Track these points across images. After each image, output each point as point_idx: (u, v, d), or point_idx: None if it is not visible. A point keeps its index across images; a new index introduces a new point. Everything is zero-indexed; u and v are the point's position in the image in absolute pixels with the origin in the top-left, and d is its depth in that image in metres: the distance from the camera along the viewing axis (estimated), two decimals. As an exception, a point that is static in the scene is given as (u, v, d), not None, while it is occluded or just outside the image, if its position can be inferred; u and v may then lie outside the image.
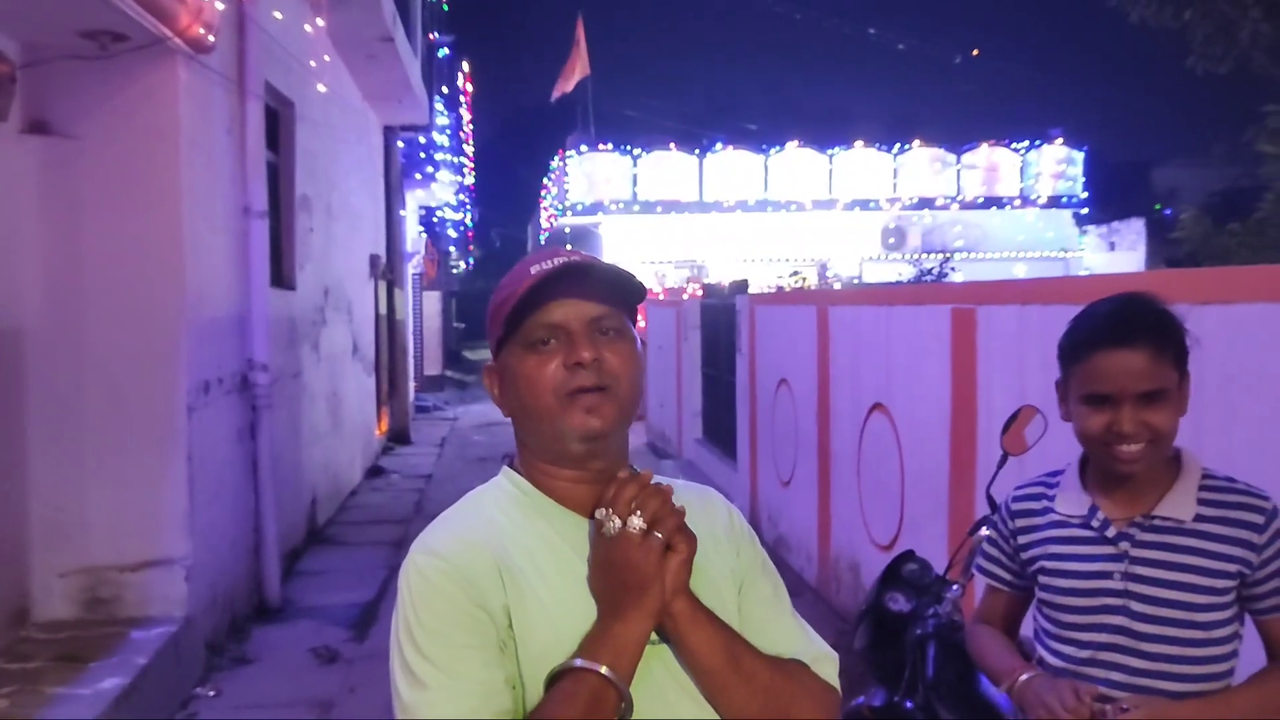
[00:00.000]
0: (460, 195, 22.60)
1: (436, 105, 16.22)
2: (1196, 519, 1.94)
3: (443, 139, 17.67)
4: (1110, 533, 1.99)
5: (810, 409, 6.98)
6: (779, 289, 17.24)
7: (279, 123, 7.89)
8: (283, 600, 6.72)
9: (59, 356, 5.22)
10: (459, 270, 33.58)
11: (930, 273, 21.18)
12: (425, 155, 16.46)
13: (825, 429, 6.71)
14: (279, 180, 7.86)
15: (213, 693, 5.29)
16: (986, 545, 2.26)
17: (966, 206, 25.38)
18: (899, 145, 25.31)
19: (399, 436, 14.47)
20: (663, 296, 16.53)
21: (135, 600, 5.31)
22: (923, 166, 25.36)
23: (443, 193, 19.59)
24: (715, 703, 1.40)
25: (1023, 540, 2.14)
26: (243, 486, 6.38)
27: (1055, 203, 25.71)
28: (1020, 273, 23.43)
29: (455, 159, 19.62)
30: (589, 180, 24.45)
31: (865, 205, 24.93)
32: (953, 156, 25.54)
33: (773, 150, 24.91)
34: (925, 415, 5.14)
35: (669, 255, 24.04)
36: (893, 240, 25.09)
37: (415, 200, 18.44)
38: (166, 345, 5.33)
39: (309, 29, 8.47)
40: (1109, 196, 26.62)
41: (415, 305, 20.06)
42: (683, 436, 12.33)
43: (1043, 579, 2.09)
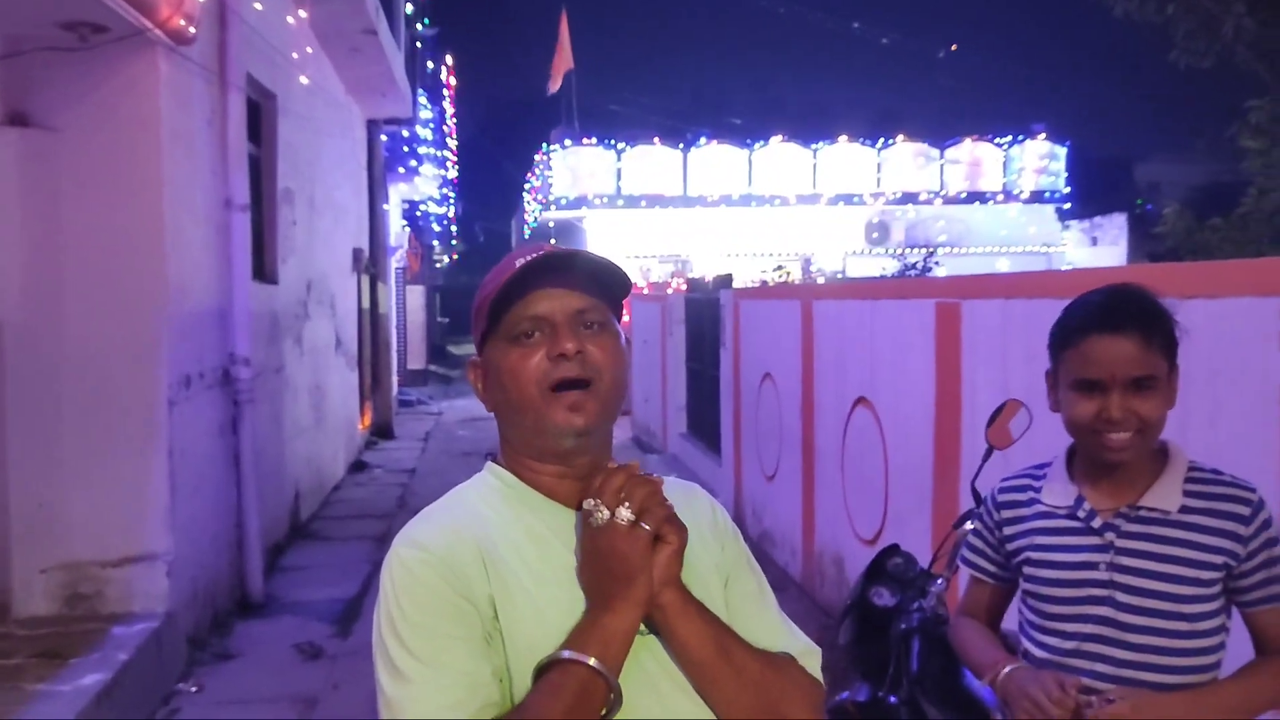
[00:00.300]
0: (444, 189, 22.51)
1: (420, 99, 16.15)
2: (1182, 510, 1.95)
3: (426, 133, 17.61)
4: (1096, 523, 1.99)
5: (794, 403, 6.99)
6: (763, 283, 17.25)
7: (261, 115, 7.84)
8: (265, 595, 6.68)
9: (39, 350, 5.18)
10: (443, 264, 33.47)
11: (914, 267, 21.24)
12: (409, 149, 16.39)
13: (809, 423, 6.72)
14: (261, 173, 7.82)
15: (195, 688, 5.26)
16: (971, 537, 2.26)
17: (950, 201, 25.43)
18: (883, 140, 25.34)
19: (382, 431, 14.43)
20: (647, 291, 16.52)
21: (117, 596, 5.27)
22: (906, 161, 25.39)
23: (426, 186, 19.52)
24: (706, 695, 1.40)
25: (1008, 531, 2.14)
26: (225, 481, 6.34)
27: (1038, 198, 25.79)
28: (1003, 267, 23.48)
29: (439, 153, 19.55)
30: (573, 174, 24.40)
31: (849, 200, 24.95)
32: (936, 151, 25.58)
33: (757, 145, 24.91)
34: (909, 409, 5.15)
35: (653, 250, 24.01)
36: (876, 235, 25.13)
37: (399, 194, 18.36)
38: (147, 339, 5.29)
39: (291, 21, 8.42)
40: (1091, 192, 26.73)
41: (399, 299, 20.01)
42: (667, 431, 12.33)
43: (1028, 570, 2.10)
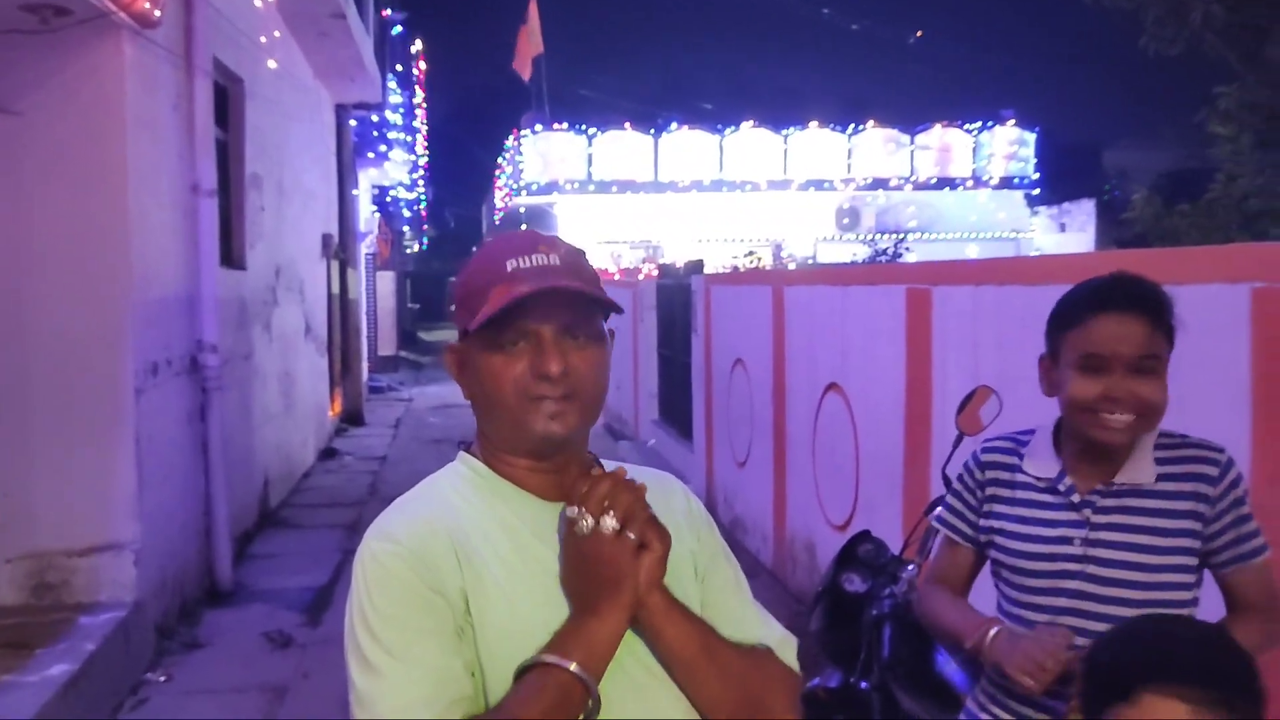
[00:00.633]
0: (414, 175, 22.36)
1: (389, 83, 16.03)
2: (1158, 480, 1.97)
3: (396, 118, 17.48)
4: (1075, 498, 2.01)
5: (765, 389, 7.00)
6: (734, 269, 17.26)
7: (228, 100, 7.75)
8: (234, 584, 6.64)
9: (1, 338, 5.11)
10: (413, 250, 33.30)
11: (885, 253, 21.34)
12: (378, 134, 16.27)
13: (780, 409, 6.73)
14: (228, 158, 7.74)
15: (163, 678, 5.22)
16: (950, 499, 2.23)
17: (920, 187, 25.57)
18: (853, 126, 25.42)
19: (353, 418, 14.35)
20: (618, 277, 16.50)
21: (84, 585, 5.22)
22: (877, 147, 25.50)
23: (396, 172, 19.40)
24: (689, 693, 1.40)
25: (991, 492, 2.14)
26: (192, 469, 6.29)
27: (1007, 184, 25.99)
28: (972, 253, 23.66)
29: (409, 138, 19.41)
30: (544, 160, 24.34)
31: (820, 186, 25.04)
32: (906, 137, 25.71)
33: (727, 130, 24.92)
34: (880, 395, 5.17)
35: (624, 235, 24.01)
36: (847, 221, 25.24)
37: (368, 179, 18.24)
38: (113, 326, 5.24)
39: (259, 4, 8.32)
40: (1060, 178, 26.93)
41: (369, 285, 19.87)
42: (639, 418, 12.34)
43: (1000, 540, 2.10)
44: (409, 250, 31.63)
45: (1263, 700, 1.38)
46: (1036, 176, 26.34)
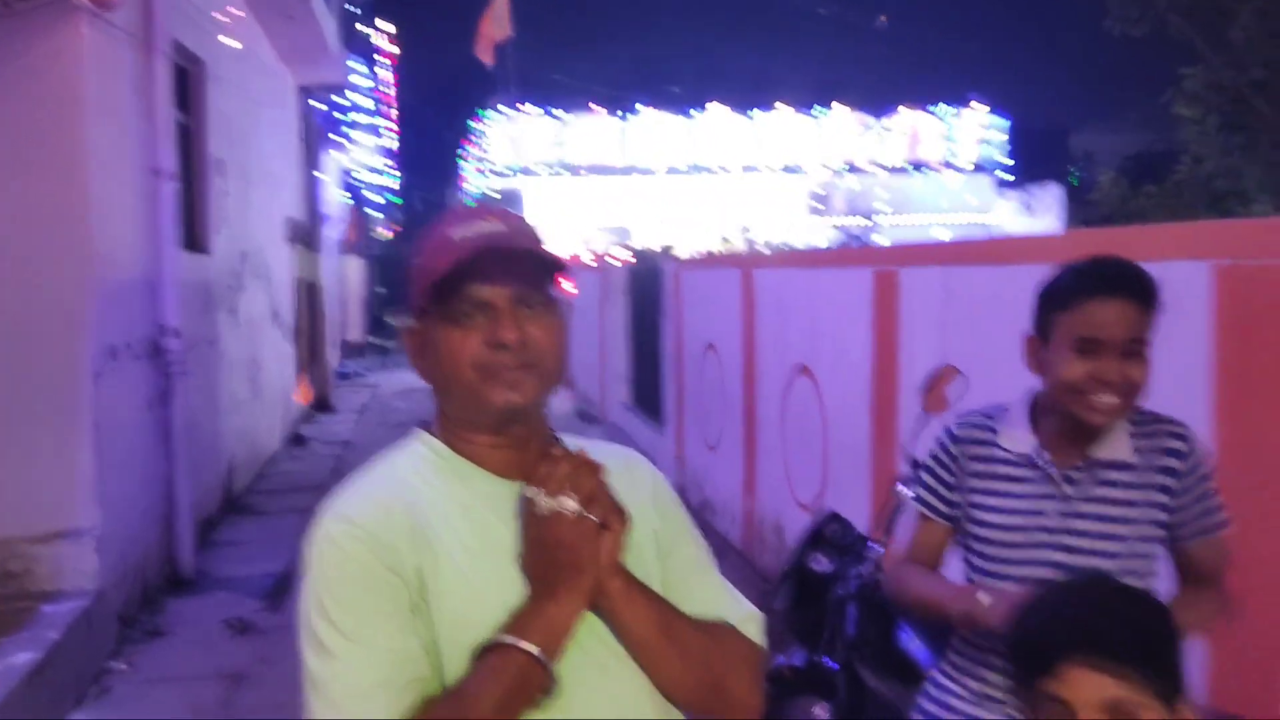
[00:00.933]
0: (382, 158, 22.21)
1: (356, 66, 15.88)
2: (1133, 454, 2.01)
3: (363, 101, 17.33)
4: (1054, 472, 2.03)
5: (736, 373, 7.00)
6: (706, 254, 17.26)
7: (190, 82, 7.65)
8: (197, 571, 6.58)
9: (-43, 322, 5.03)
10: (381, 235, 33.08)
11: (855, 237, 21.41)
12: (344, 117, 16.13)
13: (751, 392, 6.74)
14: (191, 142, 7.65)
15: (125, 666, 5.18)
16: (925, 475, 2.22)
17: (890, 171, 25.66)
18: (824, 110, 25.46)
19: (320, 404, 14.25)
20: (594, 263, 16.45)
21: (46, 573, 5.16)
22: (846, 130, 25.55)
23: (363, 156, 19.26)
24: (650, 673, 1.39)
25: (968, 467, 2.14)
26: (154, 455, 6.22)
27: (977, 167, 26.12)
28: (942, 237, 23.77)
29: (376, 121, 19.25)
30: (512, 143, 24.22)
31: (791, 170, 25.06)
32: (874, 120, 25.78)
33: (695, 112, 24.88)
34: (848, 377, 5.17)
35: (595, 219, 23.94)
36: (818, 204, 25.28)
37: (335, 163, 18.08)
38: (71, 309, 5.17)
39: (220, -15, 8.21)
40: (1028, 161, 27.11)
41: (336, 270, 19.73)
42: (609, 402, 12.32)
43: (976, 514, 2.11)
44: (377, 235, 31.43)
45: (1181, 655, 1.38)
46: (1007, 161, 26.49)
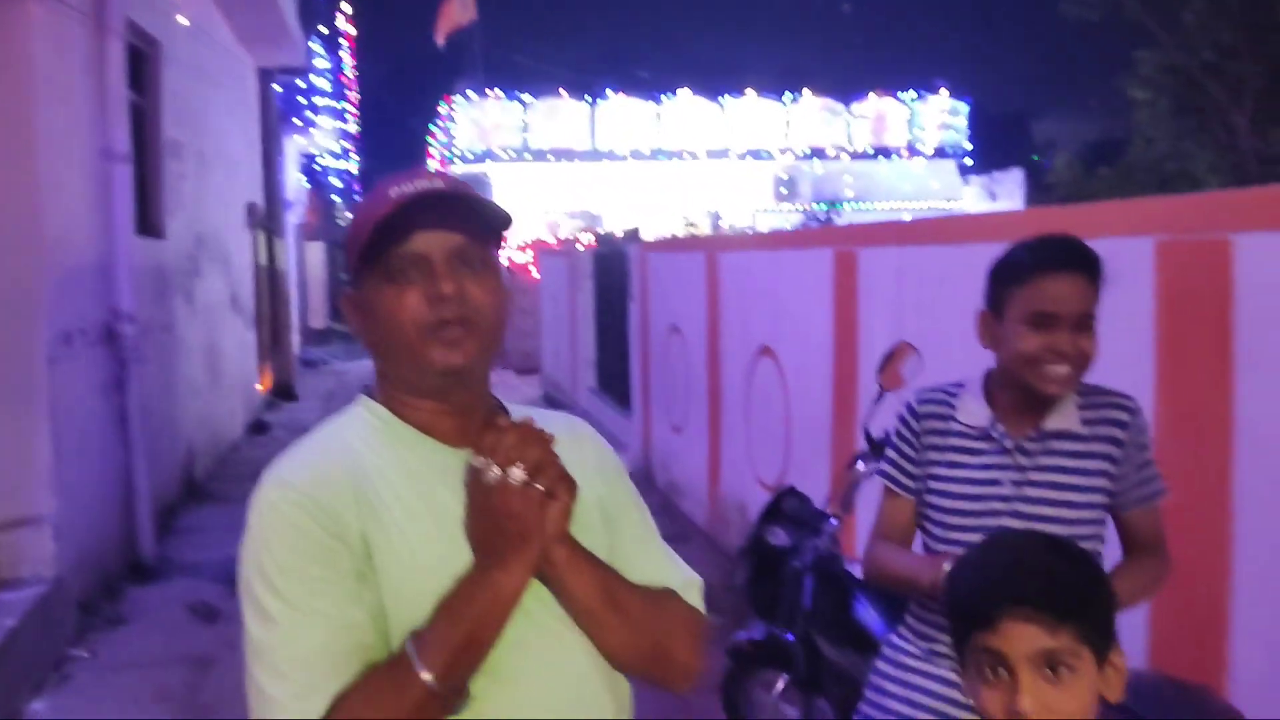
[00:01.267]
0: (344, 142, 22.01)
1: (316, 48, 15.71)
2: (1081, 425, 2.08)
3: (323, 83, 17.16)
4: (1008, 443, 2.10)
5: (701, 355, 7.01)
6: (671, 237, 17.26)
7: (145, 63, 7.54)
8: (158, 558, 6.51)
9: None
10: (344, 220, 32.83)
11: (818, 221, 21.49)
12: (305, 100, 15.96)
13: (715, 374, 6.75)
14: (145, 124, 7.54)
15: (86, 653, 5.13)
16: (891, 452, 2.28)
17: (856, 157, 25.74)
18: (790, 95, 25.49)
19: (283, 391, 14.10)
20: (557, 246, 16.40)
21: (5, 561, 5.09)
22: (813, 116, 25.59)
23: (325, 139, 19.08)
24: (595, 640, 1.40)
25: (928, 440, 2.20)
26: (112, 442, 6.15)
27: (941, 153, 26.25)
28: (906, 221, 23.90)
29: (337, 104, 19.08)
30: (478, 128, 24.05)
31: (758, 155, 25.08)
32: (842, 106, 25.84)
33: (664, 98, 24.82)
34: (810, 357, 5.20)
35: (562, 205, 23.84)
36: (785, 190, 25.33)
37: (295, 147, 17.91)
38: (24, 294, 5.10)
39: (175, -36, 8.09)
40: (992, 147, 27.31)
41: (298, 256, 19.55)
42: (577, 386, 12.31)
43: (935, 484, 2.17)
44: (339, 220, 31.19)
45: (1112, 607, 1.42)
46: (970, 147, 26.65)
